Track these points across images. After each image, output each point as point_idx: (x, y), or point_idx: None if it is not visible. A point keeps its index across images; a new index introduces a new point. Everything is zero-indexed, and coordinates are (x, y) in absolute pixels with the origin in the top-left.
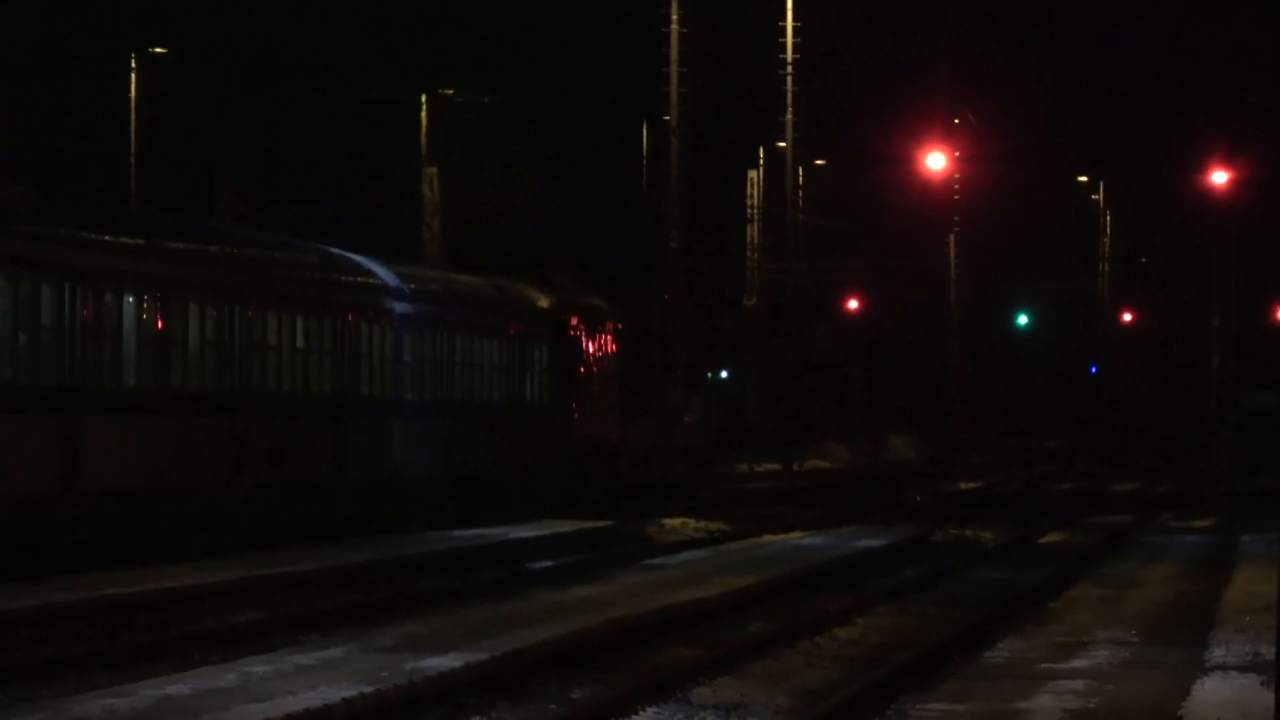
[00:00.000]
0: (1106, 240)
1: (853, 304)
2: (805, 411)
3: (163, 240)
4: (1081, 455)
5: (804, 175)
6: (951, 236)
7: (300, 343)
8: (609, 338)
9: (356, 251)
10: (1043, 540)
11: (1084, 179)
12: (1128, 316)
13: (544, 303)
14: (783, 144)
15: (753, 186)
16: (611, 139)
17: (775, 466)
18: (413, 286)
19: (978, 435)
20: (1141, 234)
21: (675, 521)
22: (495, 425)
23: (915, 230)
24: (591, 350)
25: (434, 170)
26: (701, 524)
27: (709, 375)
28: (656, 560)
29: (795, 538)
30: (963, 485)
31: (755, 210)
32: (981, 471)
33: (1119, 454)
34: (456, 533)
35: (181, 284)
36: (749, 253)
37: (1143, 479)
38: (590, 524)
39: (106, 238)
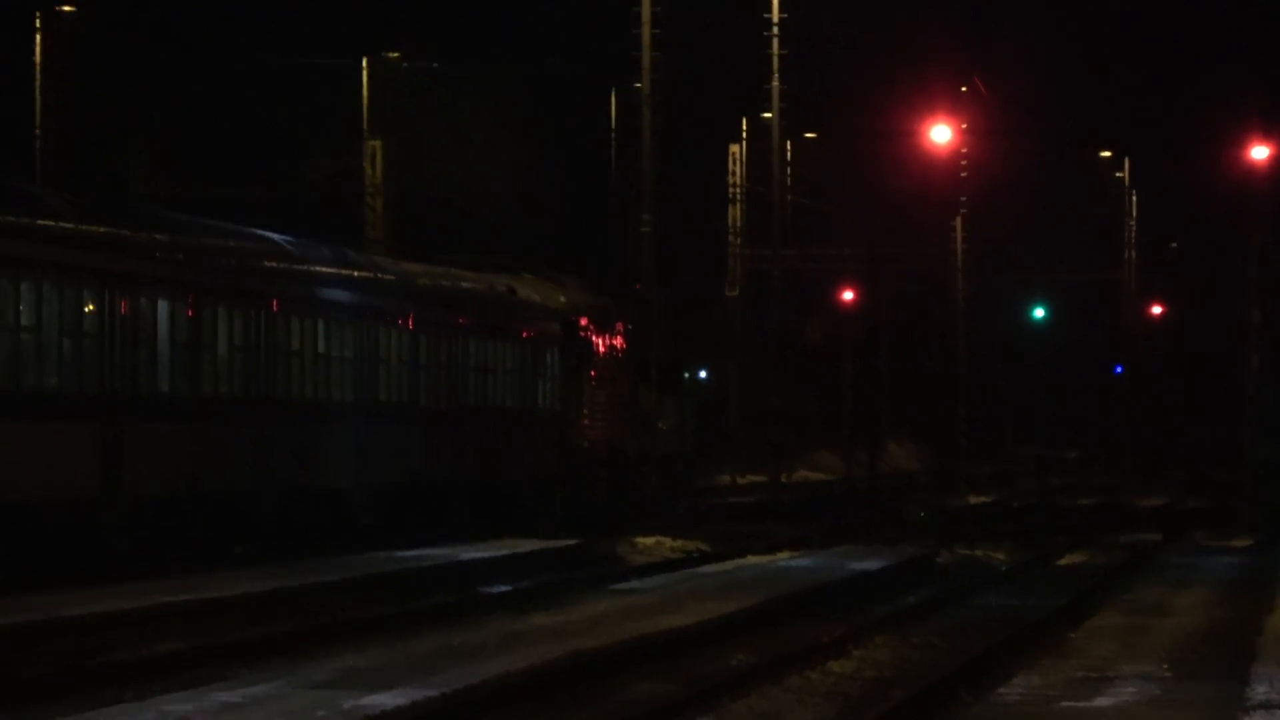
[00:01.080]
0: (1132, 224)
1: (847, 295)
2: (793, 416)
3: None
4: (1104, 465)
5: (792, 150)
6: (958, 220)
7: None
8: (618, 339)
9: (288, 234)
10: (1061, 561)
11: (1107, 154)
12: (1157, 309)
13: (554, 302)
14: (768, 115)
15: (734, 163)
16: (577, 110)
17: (760, 478)
18: (381, 277)
19: (987, 443)
20: (1171, 217)
21: (648, 540)
22: (484, 431)
23: (918, 213)
24: (601, 352)
25: (377, 144)
26: (678, 543)
27: (685, 375)
28: (627, 584)
29: (783, 558)
30: (971, 499)
31: (737, 189)
32: (992, 484)
33: (1146, 464)
34: (403, 552)
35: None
36: (730, 237)
37: (1172, 492)
38: (553, 543)
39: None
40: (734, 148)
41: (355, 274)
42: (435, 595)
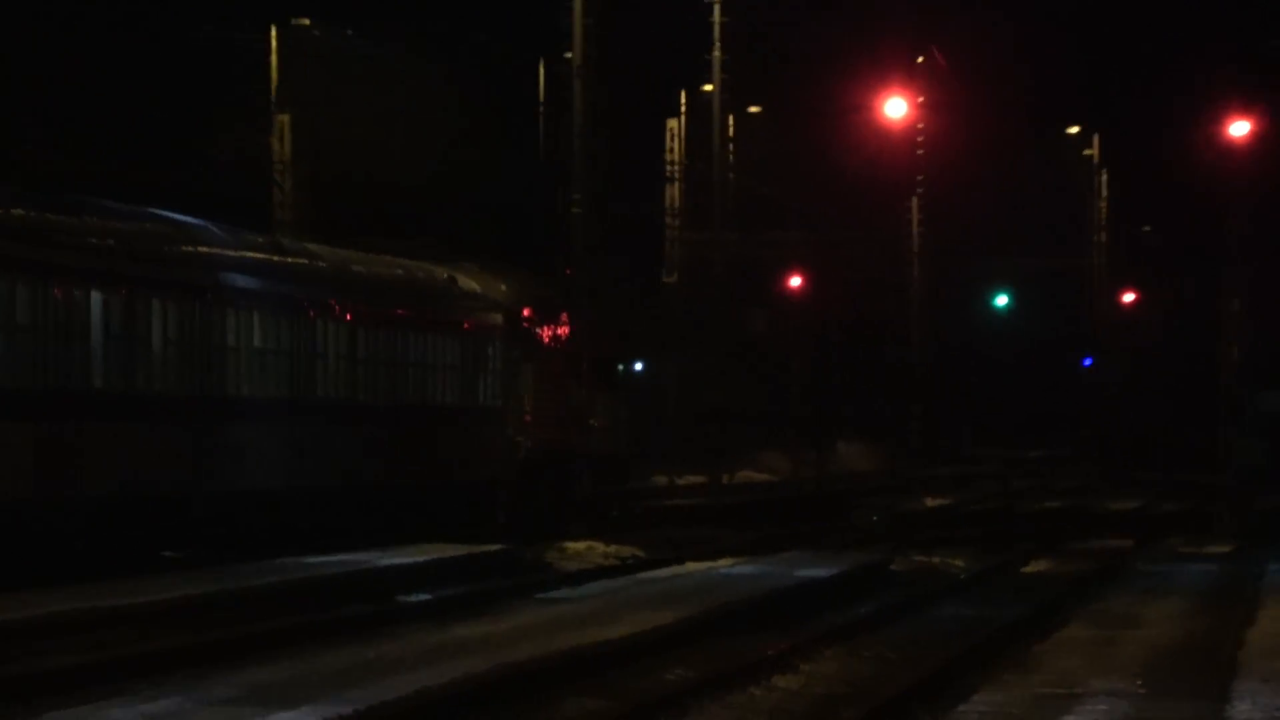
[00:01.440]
0: (1102, 205)
1: (794, 282)
2: (736, 413)
3: None
4: (1071, 466)
5: (735, 125)
6: (914, 201)
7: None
8: (562, 329)
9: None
10: (1025, 569)
11: (1074, 130)
12: (1129, 297)
13: (496, 292)
14: (709, 87)
15: (672, 139)
16: (506, 83)
17: (701, 479)
18: (317, 265)
19: (946, 442)
20: (1144, 198)
21: (580, 545)
22: (423, 430)
23: (871, 194)
24: (545, 345)
25: (285, 119)
26: (612, 548)
27: (620, 369)
28: (557, 593)
29: (725, 565)
30: (928, 502)
31: (675, 168)
32: (950, 486)
33: (1117, 464)
34: (319, 558)
35: None
36: (668, 219)
37: (1145, 494)
38: (479, 549)
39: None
40: (672, 123)
41: (289, 261)
42: (353, 604)
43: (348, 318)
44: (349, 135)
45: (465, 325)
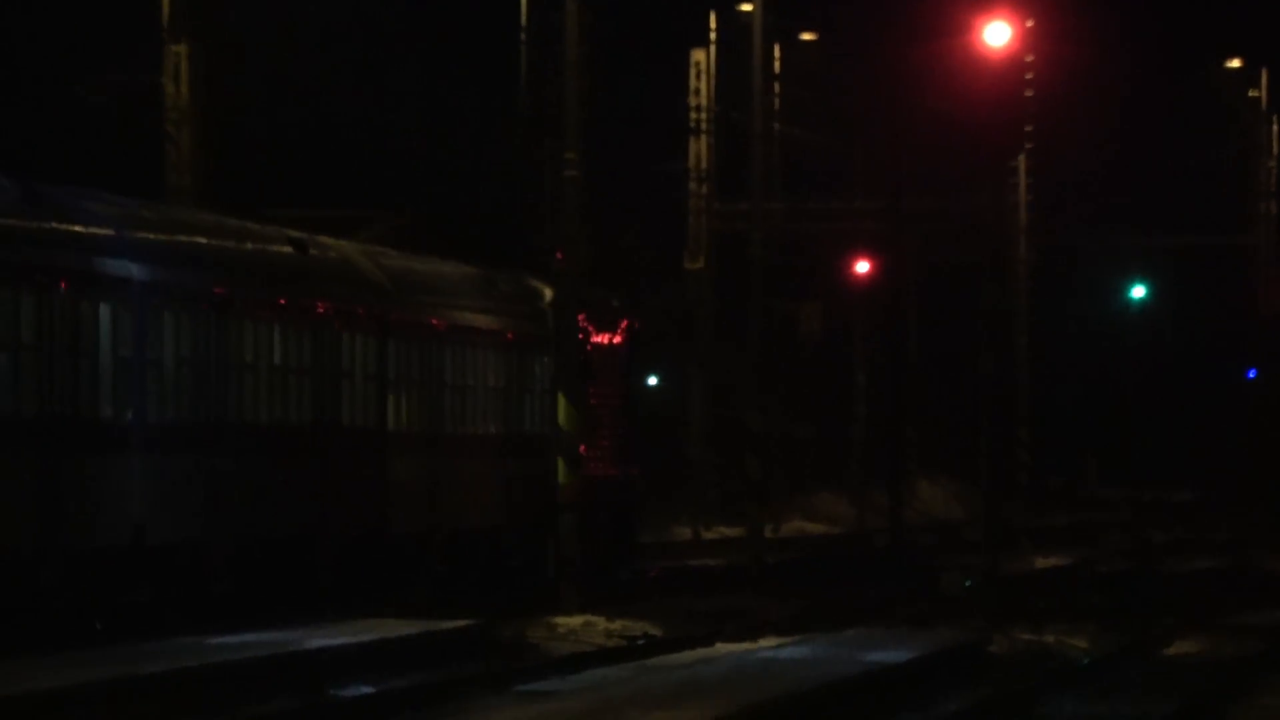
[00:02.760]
0: (1273, 165)
1: (860, 268)
2: (783, 442)
3: None
4: (1230, 512)
5: (782, 59)
6: (1020, 161)
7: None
8: (618, 339)
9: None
10: (1168, 651)
11: (1236, 64)
12: None
13: (544, 293)
14: (747, 5)
15: (698, 76)
16: (477, 9)
17: (735, 531)
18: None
19: (1062, 482)
20: None
21: (575, 620)
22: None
23: (961, 151)
24: (598, 362)
25: (183, 50)
26: (617, 624)
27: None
28: (543, 684)
29: (767, 647)
30: (1038, 562)
31: (702, 116)
32: (1069, 539)
33: None
34: (223, 638)
35: None
36: (692, 185)
37: None
38: (439, 625)
39: None
40: (698, 54)
41: (193, 241)
42: (272, 699)
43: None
44: (271, 74)
45: (508, 335)
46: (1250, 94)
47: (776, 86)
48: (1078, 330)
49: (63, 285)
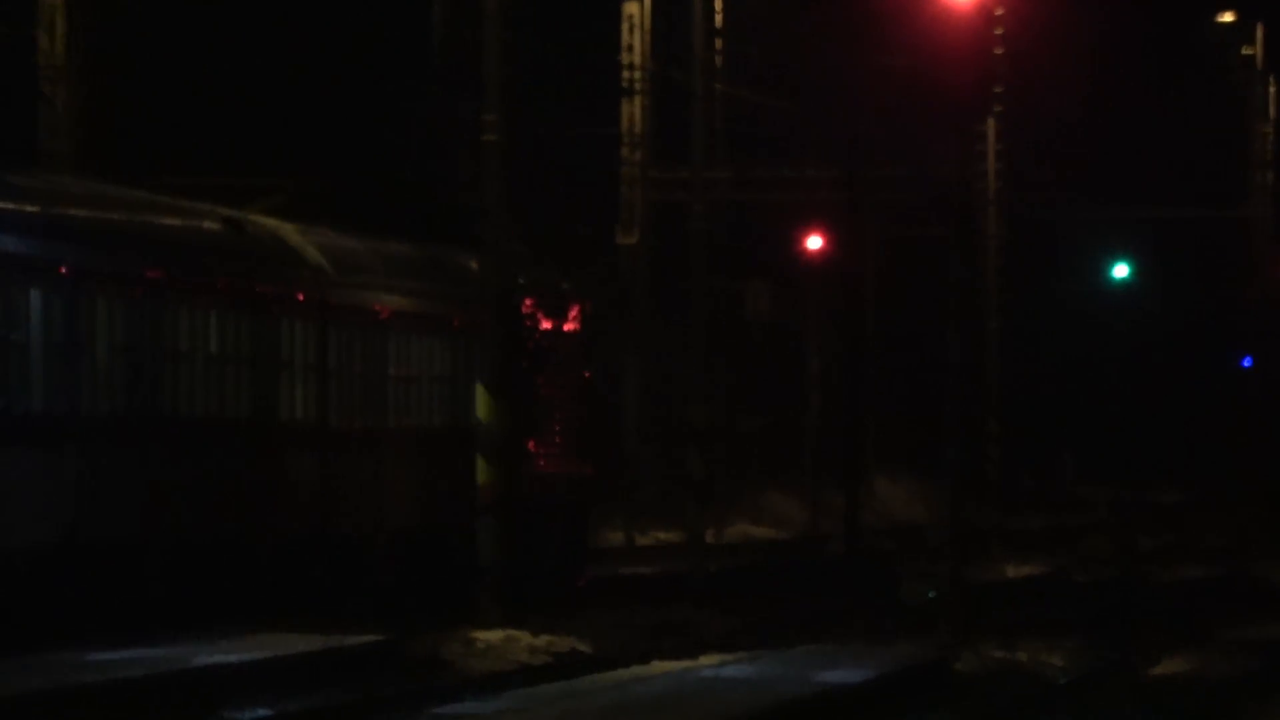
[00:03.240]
0: (1269, 131)
1: (813, 243)
2: (727, 437)
3: None
4: (1222, 515)
5: (724, 9)
6: (989, 124)
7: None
8: (571, 325)
9: None
10: (1154, 671)
11: (1228, 18)
12: None
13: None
14: None
15: (631, 30)
16: None
17: (673, 536)
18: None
19: (1037, 480)
20: None
21: (495, 635)
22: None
23: (925, 112)
24: (548, 350)
25: (58, 1)
26: (541, 639)
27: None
28: (461, 706)
29: (708, 665)
30: (1010, 570)
31: (636, 76)
32: (1045, 544)
33: None
34: (110, 654)
35: None
36: (625, 151)
37: None
38: (343, 640)
39: None
40: (631, 7)
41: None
42: None
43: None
44: (158, 27)
45: (455, 322)
46: (1244, 51)
47: (718, 41)
48: (1054, 312)
49: None
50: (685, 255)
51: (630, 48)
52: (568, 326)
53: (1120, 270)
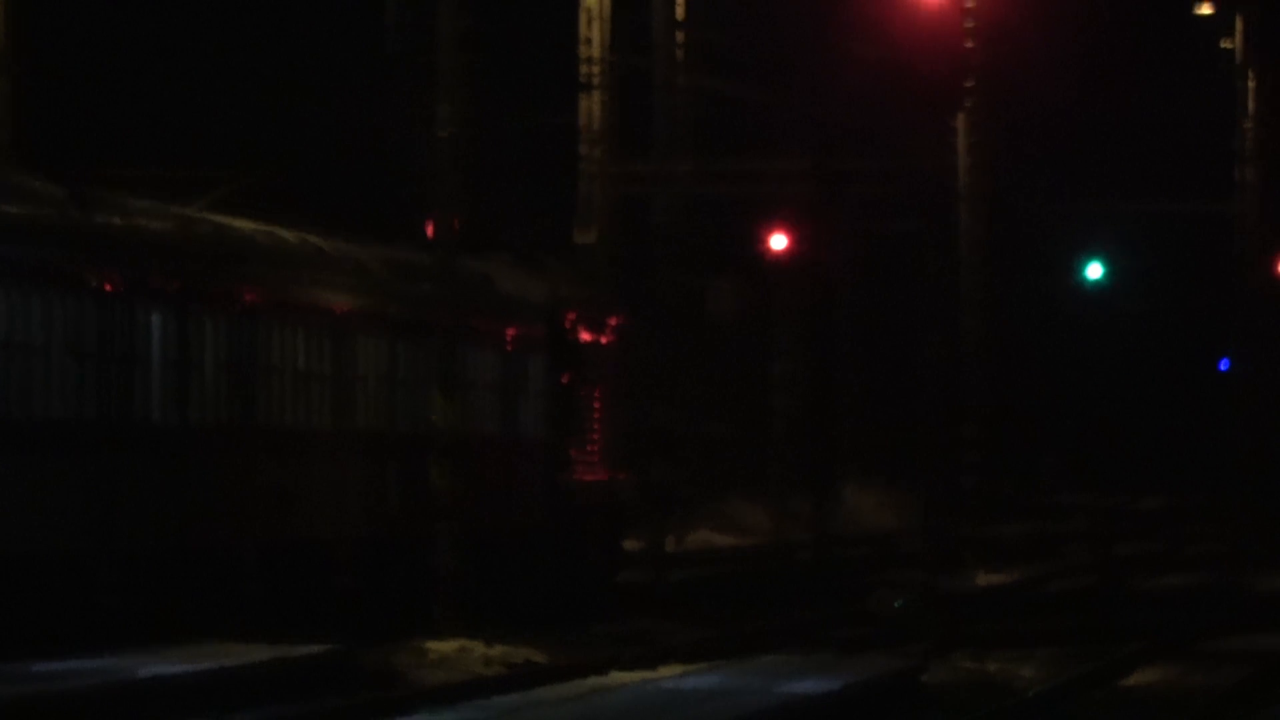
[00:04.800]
0: (1248, 126)
1: (778, 241)
2: (689, 441)
3: None
4: (1205, 522)
5: None
6: (960, 117)
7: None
8: (609, 340)
9: None
10: (1129, 681)
11: (1207, 11)
12: None
13: (535, 292)
14: None
15: (590, 20)
16: None
17: (631, 544)
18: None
19: (1012, 486)
20: None
21: (449, 645)
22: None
23: (894, 104)
24: (586, 361)
25: None
26: (496, 649)
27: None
28: (413, 719)
29: (669, 676)
30: (982, 579)
31: (595, 70)
32: (1019, 553)
33: (1273, 519)
34: (50, 664)
35: None
36: (584, 149)
37: None
38: (289, 651)
39: None
40: None
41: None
42: None
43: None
44: (98, 15)
45: (509, 331)
46: (1223, 44)
47: (679, 31)
48: (1032, 313)
49: None
50: (646, 253)
51: (588, 41)
52: (604, 339)
53: (1093, 271)
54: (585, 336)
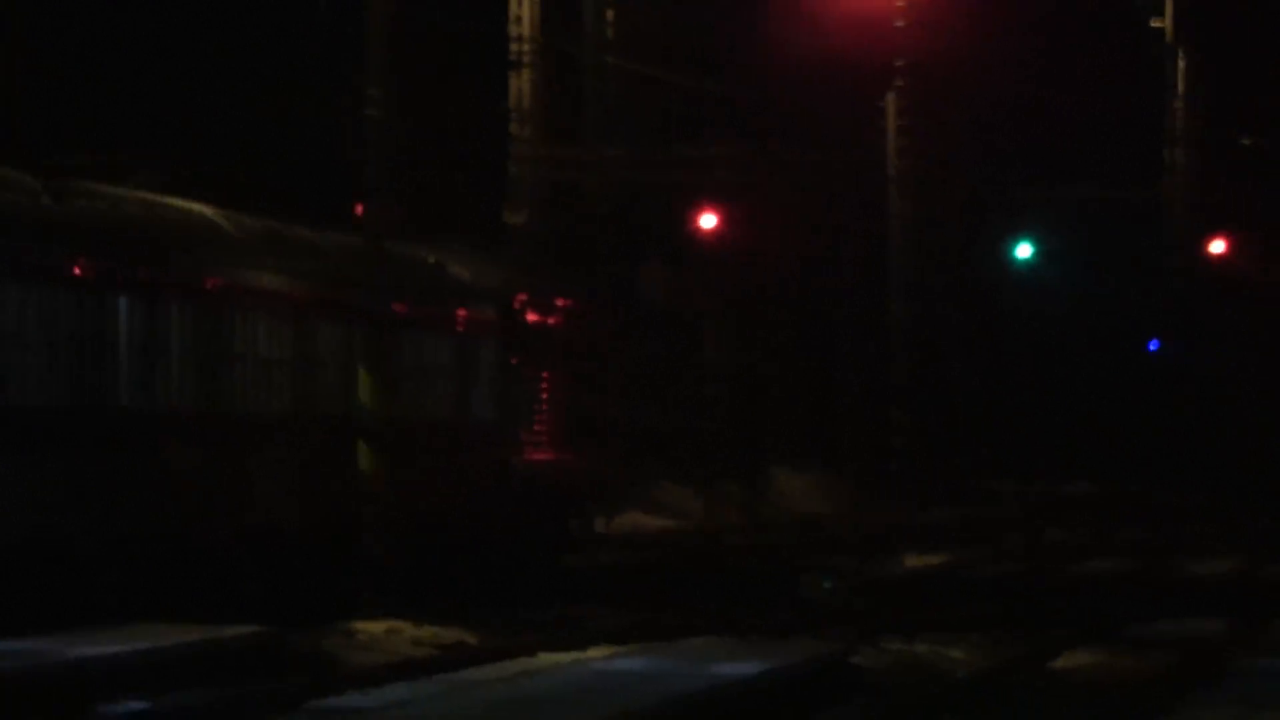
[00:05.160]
0: (1178, 106)
1: (707, 221)
2: (618, 424)
3: None
4: (1135, 507)
5: None
6: (889, 98)
7: None
8: (556, 321)
9: None
10: (1056, 664)
11: None
12: (1217, 247)
13: (487, 276)
14: None
15: (521, 3)
16: None
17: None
18: None
19: (940, 470)
20: (1246, 95)
21: (378, 627)
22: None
23: (823, 84)
24: (532, 342)
25: None
26: (425, 631)
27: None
28: (339, 701)
29: (598, 658)
30: (912, 562)
31: (524, 49)
32: (948, 538)
33: (1204, 504)
34: None
35: None
36: (514, 128)
37: (1249, 550)
38: (220, 633)
39: None
40: None
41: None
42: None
43: None
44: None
45: (458, 316)
46: (1153, 23)
47: (610, 12)
48: (961, 298)
49: None
50: (575, 236)
51: (519, 19)
52: (552, 320)
53: (1023, 250)
54: (533, 318)
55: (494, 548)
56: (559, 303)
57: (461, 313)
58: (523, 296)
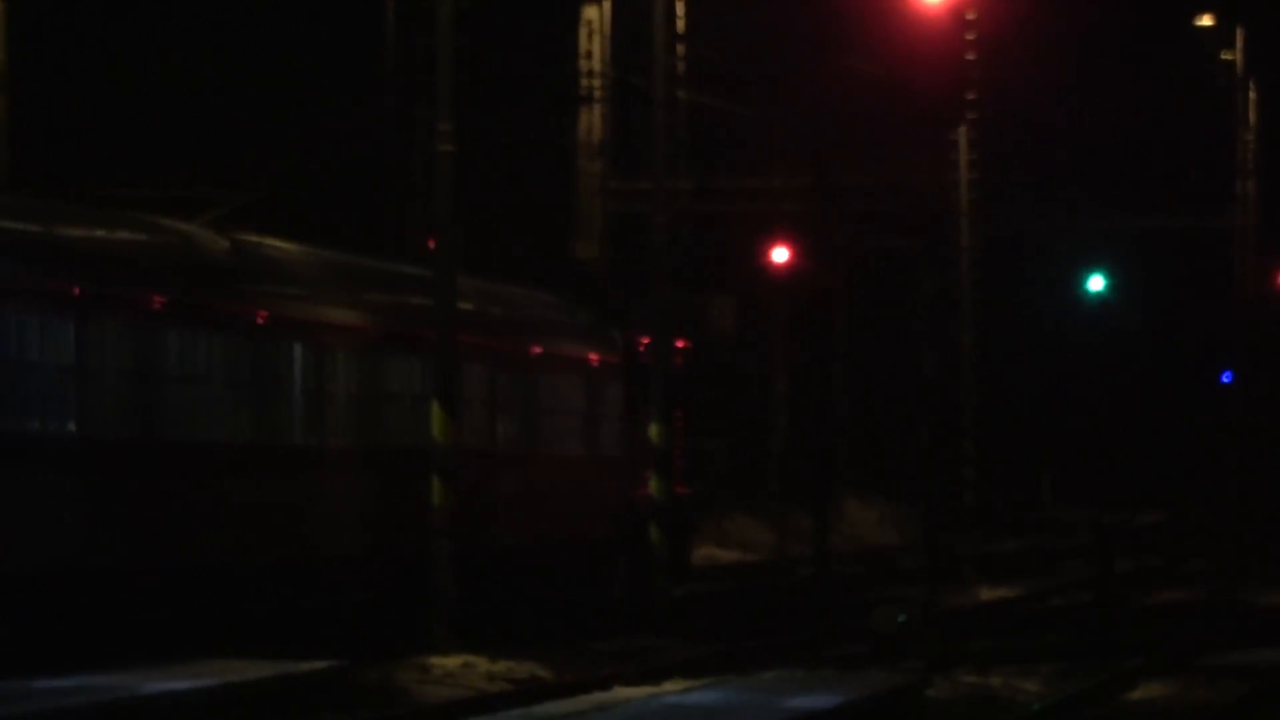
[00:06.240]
0: (1250, 139)
1: (779, 255)
2: (692, 458)
3: None
4: (1206, 537)
5: (687, 12)
6: (961, 131)
7: None
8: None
9: None
10: (1132, 695)
11: (1208, 23)
12: None
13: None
14: None
15: (590, 36)
16: None
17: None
18: None
19: (1012, 502)
20: None
21: (452, 661)
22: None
23: (894, 120)
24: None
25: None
26: (500, 665)
27: None
28: None
29: (673, 691)
30: (984, 594)
31: (595, 83)
32: (1020, 568)
33: (1274, 533)
34: (50, 682)
35: None
36: (583, 162)
37: None
38: (292, 667)
39: None
40: (590, 11)
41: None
42: None
43: None
44: (93, 33)
45: (591, 360)
46: (1223, 55)
47: (680, 46)
48: (1032, 329)
49: None
50: (644, 268)
51: (589, 54)
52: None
53: (1095, 283)
54: (645, 358)
55: (616, 577)
56: (679, 344)
57: (594, 357)
58: (646, 340)
